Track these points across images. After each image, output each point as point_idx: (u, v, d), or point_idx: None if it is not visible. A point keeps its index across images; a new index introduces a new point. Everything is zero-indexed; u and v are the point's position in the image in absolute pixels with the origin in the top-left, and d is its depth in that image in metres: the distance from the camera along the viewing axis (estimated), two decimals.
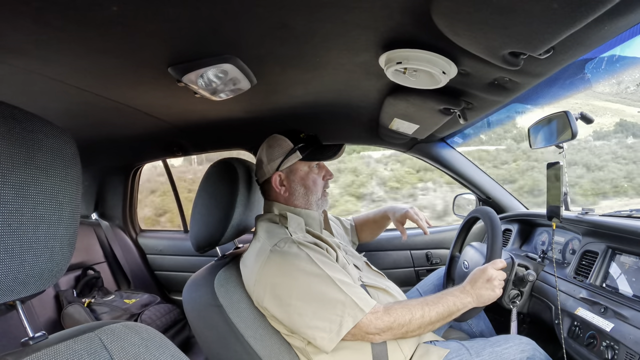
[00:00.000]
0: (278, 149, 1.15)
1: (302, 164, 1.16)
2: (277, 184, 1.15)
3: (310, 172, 1.17)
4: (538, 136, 1.29)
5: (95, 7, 0.62)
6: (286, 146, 1.14)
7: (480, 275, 1.03)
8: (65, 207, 0.57)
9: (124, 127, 1.53)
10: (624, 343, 0.84)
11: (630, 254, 1.01)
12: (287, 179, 1.16)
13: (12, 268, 0.50)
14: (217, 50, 0.82)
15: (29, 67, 0.86)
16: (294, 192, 1.15)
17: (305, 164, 1.16)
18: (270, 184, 1.16)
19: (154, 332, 0.69)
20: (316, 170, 1.18)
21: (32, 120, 0.53)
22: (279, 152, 1.15)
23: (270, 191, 1.18)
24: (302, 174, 1.16)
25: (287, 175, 1.16)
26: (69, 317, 1.73)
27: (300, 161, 1.14)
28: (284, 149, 1.14)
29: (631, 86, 3.57)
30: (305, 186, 1.16)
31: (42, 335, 0.57)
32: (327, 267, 0.96)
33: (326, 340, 0.90)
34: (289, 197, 1.16)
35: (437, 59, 0.81)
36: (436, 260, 1.88)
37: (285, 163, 1.14)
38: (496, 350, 0.98)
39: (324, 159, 1.16)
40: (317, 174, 1.18)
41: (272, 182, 1.15)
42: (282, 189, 1.15)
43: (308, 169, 1.17)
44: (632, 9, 0.56)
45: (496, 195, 1.82)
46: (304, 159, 1.14)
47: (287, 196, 1.16)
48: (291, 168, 1.15)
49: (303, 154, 1.13)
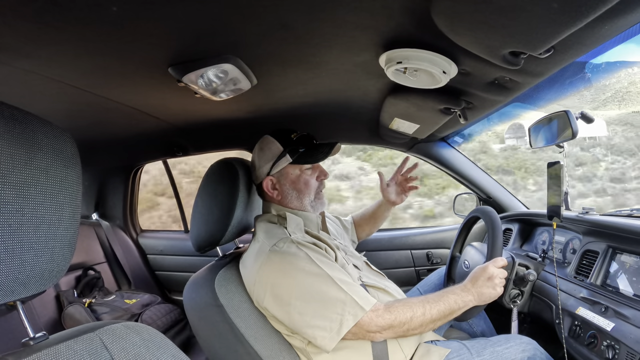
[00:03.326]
0: (268, 152, 1.14)
1: (293, 167, 1.14)
2: (269, 188, 1.14)
3: (302, 175, 1.15)
4: (538, 136, 1.29)
5: (95, 7, 0.62)
6: (276, 149, 1.13)
7: (481, 273, 1.03)
8: (66, 207, 0.57)
9: (124, 127, 1.53)
10: (625, 342, 0.84)
11: (631, 253, 1.01)
12: (279, 182, 1.14)
13: (13, 269, 0.50)
14: (218, 50, 0.82)
15: (29, 68, 0.86)
16: (286, 196, 1.14)
17: (296, 167, 1.14)
18: (262, 187, 1.15)
19: (155, 332, 0.69)
20: (309, 171, 1.16)
21: (32, 121, 0.53)
22: (269, 156, 1.13)
23: (265, 194, 1.17)
24: (293, 178, 1.14)
25: (278, 179, 1.14)
26: (70, 317, 1.73)
27: (291, 164, 1.13)
28: (274, 152, 1.13)
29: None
30: (297, 189, 1.14)
31: (42, 335, 0.57)
32: (327, 266, 0.96)
33: (327, 339, 0.90)
34: (282, 200, 1.15)
35: (437, 59, 0.81)
36: (437, 260, 1.88)
37: (275, 167, 1.13)
38: (497, 350, 0.98)
39: (313, 162, 1.14)
40: (309, 176, 1.16)
41: (264, 187, 1.14)
42: (274, 192, 1.15)
43: (299, 171, 1.15)
44: (632, 9, 0.56)
45: (497, 194, 1.82)
46: (294, 162, 1.12)
47: (280, 199, 1.15)
48: (282, 172, 1.14)
49: (293, 157, 1.11)
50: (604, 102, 6.14)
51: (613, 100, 6.39)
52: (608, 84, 5.97)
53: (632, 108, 6.63)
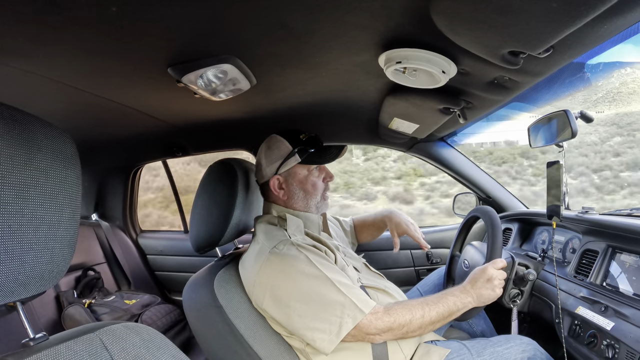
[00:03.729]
0: (277, 151, 1.13)
1: (301, 167, 1.14)
2: (276, 188, 1.14)
3: (310, 176, 1.15)
4: (538, 135, 1.29)
5: (95, 7, 0.62)
6: (285, 149, 1.12)
7: (481, 275, 1.03)
8: (66, 208, 0.57)
9: (124, 128, 1.53)
10: (625, 342, 0.84)
11: (631, 252, 1.01)
12: (286, 182, 1.14)
13: (13, 269, 0.50)
14: (217, 50, 0.82)
15: (29, 68, 0.86)
16: (293, 196, 1.14)
17: (304, 167, 1.14)
18: (269, 186, 1.15)
19: (155, 333, 0.69)
20: (316, 173, 1.16)
21: (31, 122, 0.53)
22: (277, 155, 1.13)
23: (270, 193, 1.16)
24: (300, 178, 1.14)
25: (285, 178, 1.14)
26: (70, 318, 1.73)
27: (299, 164, 1.13)
28: (283, 151, 1.12)
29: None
30: (305, 190, 1.14)
31: (42, 336, 0.57)
32: (326, 268, 0.96)
33: (325, 341, 0.89)
34: (288, 200, 1.14)
35: (436, 59, 0.81)
36: (436, 260, 1.88)
37: (283, 166, 1.12)
38: (497, 350, 0.98)
39: (323, 162, 1.14)
40: (316, 177, 1.16)
41: (271, 186, 1.14)
42: (280, 192, 1.14)
43: (307, 172, 1.14)
44: (631, 8, 0.56)
45: (496, 194, 1.82)
46: (302, 162, 1.12)
47: (286, 199, 1.15)
48: (290, 171, 1.13)
49: (302, 157, 1.11)
50: (594, 102, 6.19)
51: (604, 100, 6.45)
52: (600, 84, 6.02)
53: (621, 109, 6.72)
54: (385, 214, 1.50)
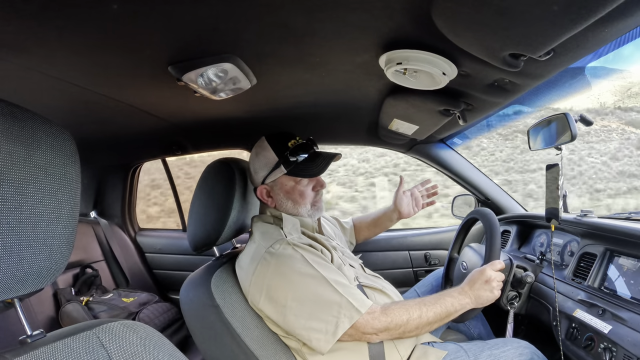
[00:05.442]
0: (263, 160, 1.10)
1: (288, 178, 1.10)
2: (264, 196, 1.12)
3: (297, 186, 1.11)
4: (537, 138, 1.29)
5: (96, 5, 0.61)
6: (271, 158, 1.08)
7: (479, 276, 1.03)
8: (64, 205, 0.56)
9: (124, 126, 1.53)
10: (622, 345, 0.85)
11: (629, 256, 1.01)
12: (273, 191, 1.12)
13: (11, 266, 0.50)
14: (217, 49, 0.82)
15: (29, 65, 0.86)
16: (281, 205, 1.12)
17: (290, 179, 1.10)
18: (257, 194, 1.14)
19: (152, 331, 0.69)
20: (305, 182, 1.11)
21: (31, 118, 0.53)
22: (263, 163, 1.10)
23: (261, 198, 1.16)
24: (287, 189, 1.11)
25: (272, 188, 1.12)
26: (67, 315, 1.72)
27: (286, 175, 1.09)
28: (269, 161, 1.09)
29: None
30: (292, 200, 1.11)
31: (40, 333, 0.57)
32: (322, 268, 0.95)
33: (322, 341, 0.89)
34: (277, 207, 1.13)
35: (437, 60, 0.81)
36: (435, 261, 1.88)
37: (269, 177, 1.10)
38: (494, 353, 0.98)
39: (308, 176, 1.10)
40: (305, 187, 1.12)
41: (258, 194, 1.13)
42: (269, 200, 1.13)
43: (294, 183, 1.11)
44: (632, 12, 0.56)
45: (495, 196, 1.82)
46: (288, 173, 1.08)
47: (275, 207, 1.13)
48: (276, 182, 1.11)
49: (287, 168, 1.07)
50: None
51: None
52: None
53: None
54: (387, 206, 1.51)
